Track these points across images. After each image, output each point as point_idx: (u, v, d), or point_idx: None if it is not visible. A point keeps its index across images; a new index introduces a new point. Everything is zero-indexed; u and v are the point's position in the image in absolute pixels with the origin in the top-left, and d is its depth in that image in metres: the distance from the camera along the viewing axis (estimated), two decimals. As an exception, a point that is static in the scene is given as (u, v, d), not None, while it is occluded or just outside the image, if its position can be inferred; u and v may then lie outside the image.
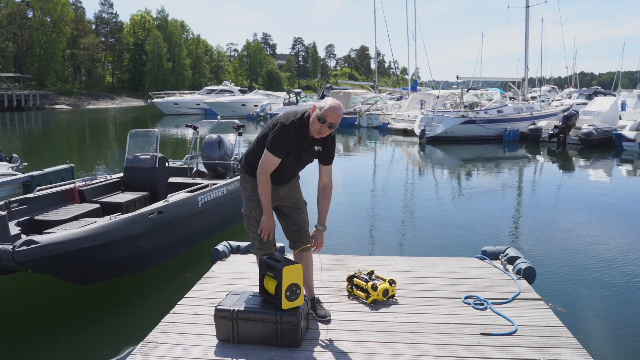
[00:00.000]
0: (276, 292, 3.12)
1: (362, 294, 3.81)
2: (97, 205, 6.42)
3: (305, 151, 3.30)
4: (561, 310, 4.67)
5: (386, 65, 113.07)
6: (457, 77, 23.69)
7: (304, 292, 3.31)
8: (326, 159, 3.41)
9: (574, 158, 17.34)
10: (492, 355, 3.00)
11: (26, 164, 10.71)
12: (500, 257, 4.64)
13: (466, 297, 3.83)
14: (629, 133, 18.09)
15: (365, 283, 3.81)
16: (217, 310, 3.16)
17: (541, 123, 21.75)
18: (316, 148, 3.32)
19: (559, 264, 6.29)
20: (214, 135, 8.09)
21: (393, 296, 3.84)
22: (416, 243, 7.41)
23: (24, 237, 4.51)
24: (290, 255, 3.61)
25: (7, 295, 5.39)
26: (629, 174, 14.49)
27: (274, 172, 3.27)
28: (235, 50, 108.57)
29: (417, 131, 21.68)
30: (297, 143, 3.23)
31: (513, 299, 3.79)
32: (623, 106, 25.39)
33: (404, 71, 75.72)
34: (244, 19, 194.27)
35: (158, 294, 5.42)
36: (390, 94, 42.54)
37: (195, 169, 8.33)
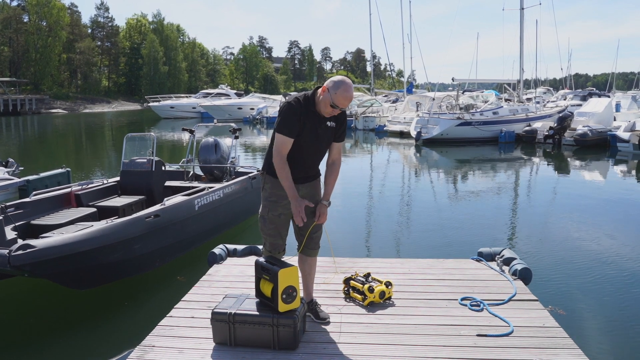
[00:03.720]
0: (272, 295, 3.13)
1: (359, 296, 3.82)
2: (94, 209, 6.41)
3: (319, 129, 3.24)
4: (561, 313, 4.69)
5: (382, 67, 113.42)
6: (453, 79, 23.79)
7: (301, 295, 3.31)
8: (338, 135, 3.37)
9: (569, 159, 17.40)
10: (488, 357, 3.01)
11: (22, 168, 10.69)
12: (496, 258, 4.66)
13: (462, 299, 3.84)
14: (623, 134, 18.16)
15: (361, 285, 3.81)
16: (213, 313, 3.17)
17: (536, 124, 21.84)
18: (329, 124, 3.27)
19: (555, 265, 6.31)
20: (211, 139, 8.09)
21: (390, 298, 3.85)
22: (412, 245, 7.42)
23: (20, 242, 4.51)
24: (294, 259, 3.60)
25: (3, 299, 5.37)
26: (623, 174, 14.55)
27: (296, 164, 3.21)
28: (232, 53, 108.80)
29: (413, 133, 21.73)
30: (309, 120, 3.19)
31: (509, 300, 3.81)
32: (617, 107, 25.50)
33: (400, 73, 75.88)
34: (241, 20, 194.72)
35: (155, 298, 5.42)
36: (386, 96, 42.63)
37: (191, 172, 8.33)
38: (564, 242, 7.34)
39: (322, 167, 3.48)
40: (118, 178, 7.52)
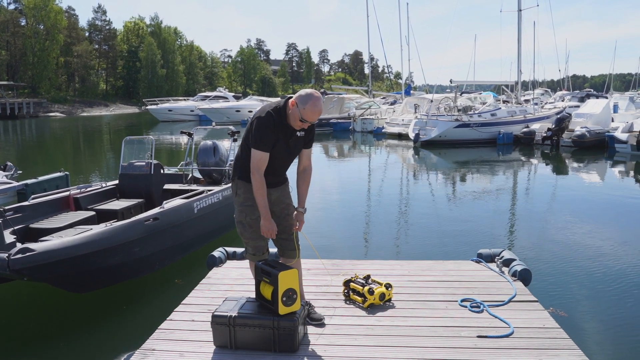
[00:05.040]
0: (272, 298, 3.13)
1: (359, 299, 3.82)
2: (93, 213, 6.41)
3: (290, 140, 3.29)
4: (562, 315, 4.69)
5: (380, 69, 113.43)
6: (451, 81, 23.78)
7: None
8: (307, 141, 3.42)
9: (567, 160, 17.42)
10: (489, 358, 3.01)
11: (20, 172, 10.68)
12: (495, 259, 4.66)
13: (462, 300, 3.84)
14: (621, 135, 18.19)
15: (361, 287, 3.81)
16: (214, 316, 3.16)
17: (534, 126, 21.86)
18: (298, 134, 3.31)
19: (555, 266, 6.32)
20: (209, 142, 8.09)
21: (390, 300, 3.85)
22: (412, 247, 7.43)
23: (19, 246, 4.50)
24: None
25: (2, 303, 5.36)
26: (621, 175, 14.58)
27: (268, 171, 3.25)
28: (229, 56, 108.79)
29: (412, 135, 21.74)
30: (281, 133, 3.22)
31: (509, 301, 3.81)
32: (615, 108, 25.54)
33: (398, 75, 75.98)
34: (239, 23, 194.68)
35: (154, 301, 5.41)
36: (384, 98, 42.66)
37: (190, 175, 8.33)
38: (563, 243, 7.35)
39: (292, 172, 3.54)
40: (117, 181, 7.51)
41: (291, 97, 3.24)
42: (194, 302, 3.92)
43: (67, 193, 6.72)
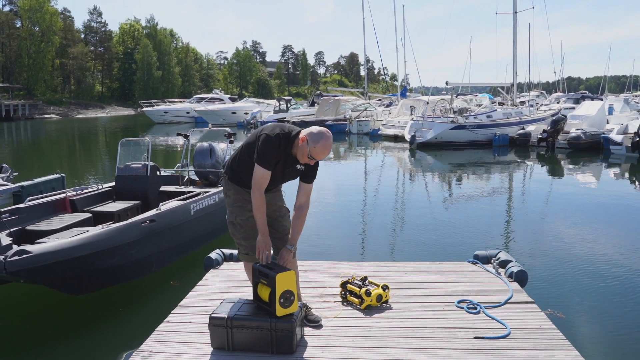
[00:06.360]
0: (270, 299, 3.13)
1: (356, 300, 3.83)
2: (89, 215, 6.40)
3: (286, 169, 3.29)
4: (560, 316, 4.71)
5: (375, 71, 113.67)
6: (447, 83, 23.87)
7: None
8: (308, 176, 3.36)
9: (562, 162, 17.49)
10: (486, 359, 3.02)
11: (16, 174, 10.64)
12: (492, 261, 4.68)
13: (459, 302, 3.85)
14: (616, 137, 18.26)
15: (358, 289, 3.82)
16: (211, 318, 3.17)
17: (530, 128, 21.92)
18: (298, 167, 3.30)
19: (551, 267, 6.34)
20: (205, 144, 8.09)
21: (387, 302, 3.86)
22: (409, 248, 7.44)
23: (15, 247, 4.49)
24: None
25: (-2, 306, 5.35)
26: (616, 177, 14.64)
27: None
28: (225, 58, 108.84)
29: (408, 137, 21.78)
30: (282, 160, 3.22)
31: (505, 302, 3.82)
32: (610, 110, 25.63)
33: (394, 77, 76.14)
34: (235, 25, 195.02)
35: (151, 303, 5.41)
36: (380, 100, 42.72)
37: (186, 177, 8.32)
38: (559, 244, 7.38)
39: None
40: (113, 183, 7.50)
41: (300, 131, 3.20)
42: (191, 304, 3.92)
43: (63, 195, 6.71)
